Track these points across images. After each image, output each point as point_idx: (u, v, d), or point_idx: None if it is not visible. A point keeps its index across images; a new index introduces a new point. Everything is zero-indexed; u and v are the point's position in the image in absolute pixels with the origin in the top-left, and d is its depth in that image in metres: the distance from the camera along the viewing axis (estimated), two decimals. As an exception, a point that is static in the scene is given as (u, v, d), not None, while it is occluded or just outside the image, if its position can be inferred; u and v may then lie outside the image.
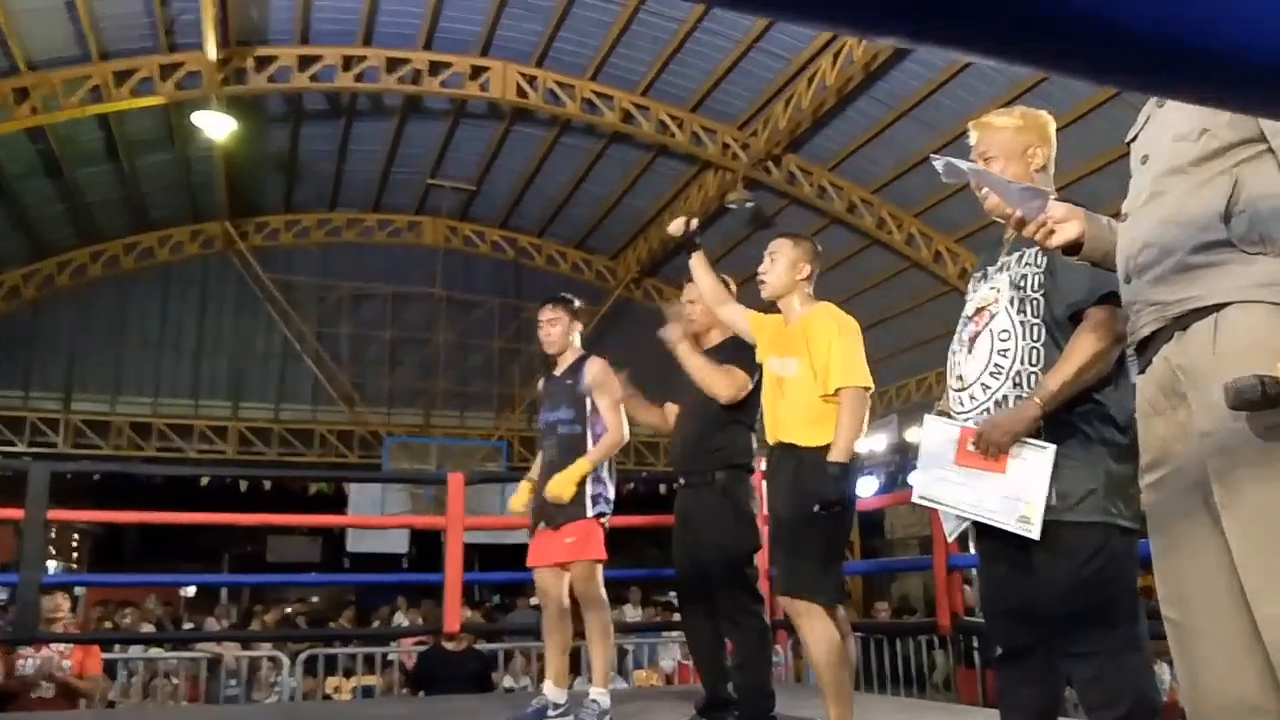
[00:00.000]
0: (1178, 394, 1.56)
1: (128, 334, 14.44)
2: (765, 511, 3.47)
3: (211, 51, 9.51)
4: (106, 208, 13.24)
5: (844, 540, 3.14)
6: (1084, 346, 2.15)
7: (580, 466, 3.74)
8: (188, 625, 11.07)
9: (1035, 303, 2.25)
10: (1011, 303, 2.27)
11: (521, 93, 11.16)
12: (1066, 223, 1.77)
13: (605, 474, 3.85)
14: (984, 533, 2.35)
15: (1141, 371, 1.67)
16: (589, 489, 3.77)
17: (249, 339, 14.91)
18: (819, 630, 2.96)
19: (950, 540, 2.70)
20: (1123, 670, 2.10)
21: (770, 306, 3.42)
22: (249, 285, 14.56)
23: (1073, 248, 1.79)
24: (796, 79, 10.29)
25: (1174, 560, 1.59)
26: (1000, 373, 2.27)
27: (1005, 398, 2.25)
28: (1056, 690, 2.28)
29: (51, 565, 15.02)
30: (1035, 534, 2.16)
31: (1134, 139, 1.77)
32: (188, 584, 15.88)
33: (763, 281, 3.31)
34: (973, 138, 2.40)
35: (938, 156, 2.02)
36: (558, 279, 15.42)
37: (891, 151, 11.01)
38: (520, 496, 4.07)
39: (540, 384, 4.16)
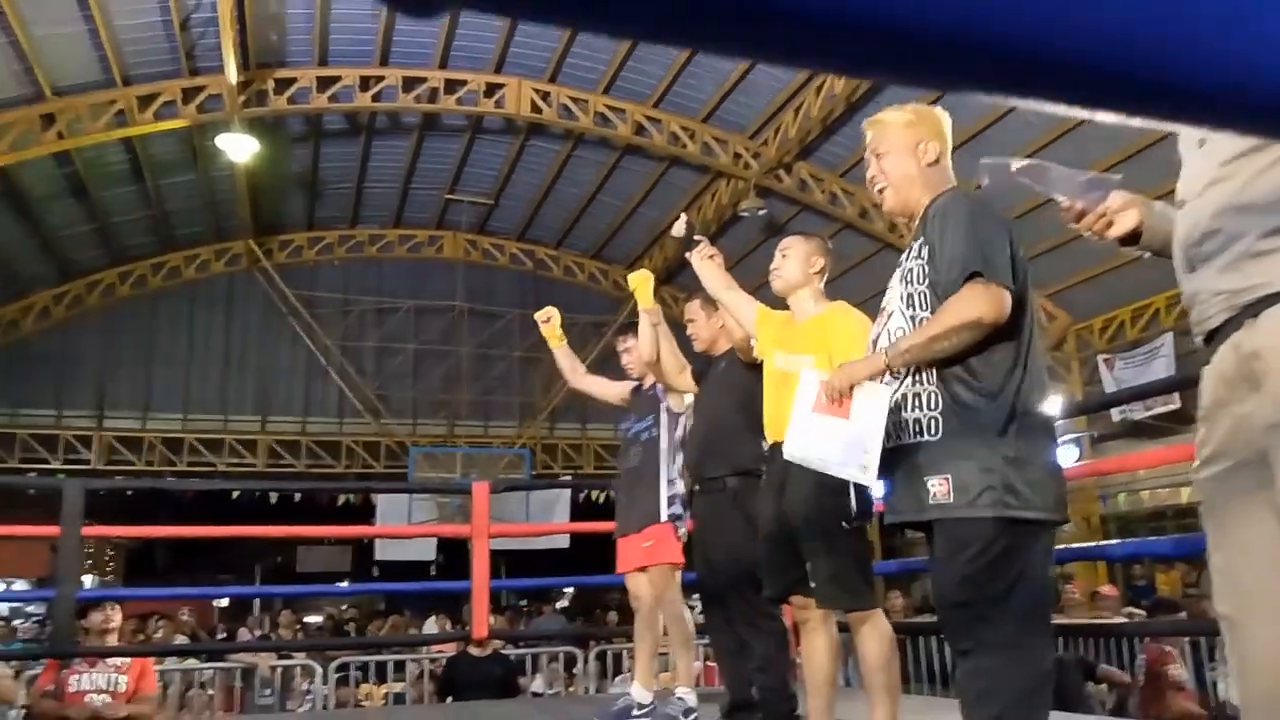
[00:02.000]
0: (1247, 384, 1.50)
1: (157, 351, 14.71)
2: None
3: (232, 74, 9.72)
4: (133, 228, 13.51)
5: (866, 537, 3.07)
6: (942, 318, 2.11)
7: (649, 322, 3.87)
8: (221, 636, 11.27)
9: (923, 296, 2.21)
10: (902, 299, 2.26)
11: (536, 108, 11.33)
12: (1125, 212, 1.71)
13: (676, 474, 3.94)
14: (927, 533, 2.31)
15: (1207, 362, 1.61)
16: (664, 491, 3.89)
17: (275, 354, 15.15)
18: (881, 632, 2.94)
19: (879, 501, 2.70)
20: (1001, 668, 2.02)
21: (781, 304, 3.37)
22: (274, 301, 14.81)
23: (1130, 238, 1.74)
24: (805, 88, 10.40)
25: (1230, 555, 1.54)
26: (899, 370, 2.24)
27: (905, 396, 2.21)
28: None
29: (87, 579, 15.30)
30: (870, 480, 2.16)
31: None
32: (220, 596, 16.11)
33: (776, 276, 3.20)
34: (868, 136, 2.41)
35: (988, 158, 1.88)
36: (575, 289, 15.60)
37: (901, 156, 11.08)
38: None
39: (628, 396, 4.31)
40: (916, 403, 2.19)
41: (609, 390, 4.52)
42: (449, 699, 6.68)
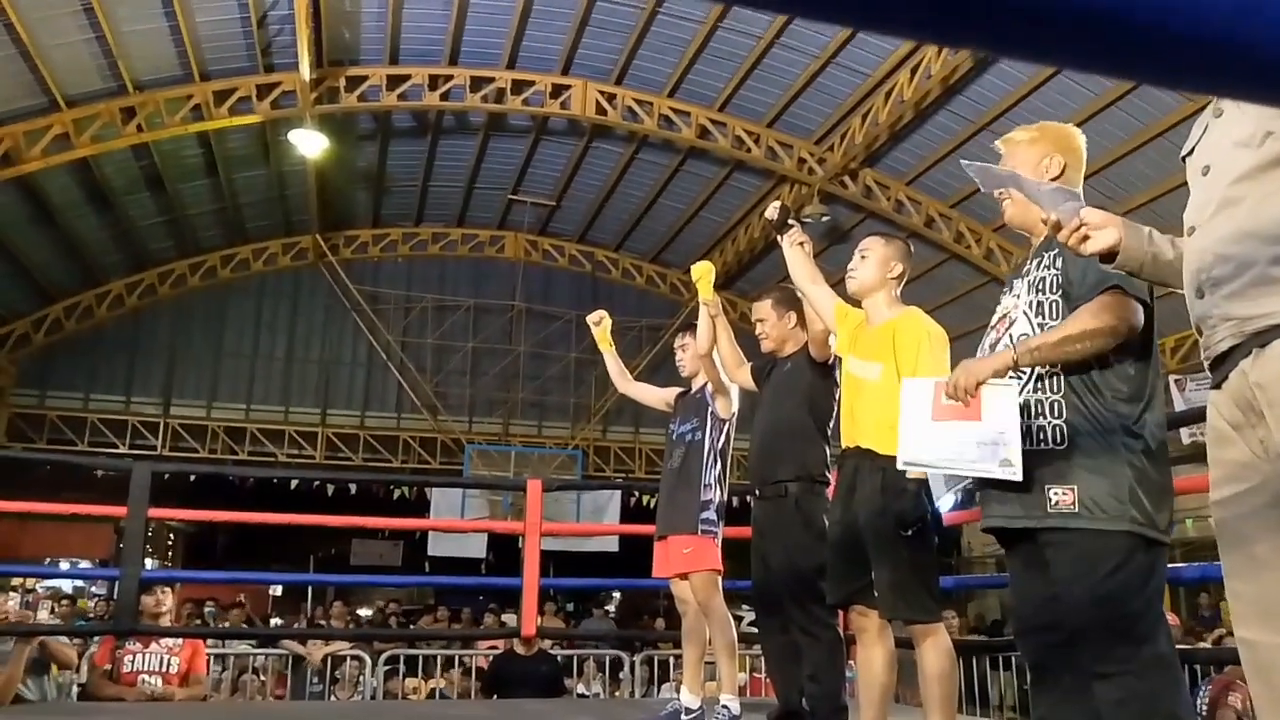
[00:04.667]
0: (1255, 411, 1.50)
1: (224, 342, 15.07)
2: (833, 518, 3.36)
3: (306, 72, 9.90)
4: (205, 221, 13.84)
5: (934, 549, 3.01)
6: (1076, 321, 2.09)
7: (708, 314, 3.86)
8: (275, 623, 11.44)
9: (1054, 305, 2.19)
10: (1030, 307, 2.22)
11: (600, 110, 11.35)
12: (1102, 229, 1.74)
13: (714, 480, 3.92)
14: (1011, 544, 2.28)
15: (1216, 386, 1.61)
16: (700, 497, 3.88)
17: (337, 348, 15.42)
18: (941, 646, 2.91)
19: (945, 512, 2.61)
20: (1152, 690, 1.98)
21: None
22: (338, 297, 15.07)
23: (1108, 256, 1.77)
24: (873, 94, 10.27)
25: (1253, 579, 1.52)
26: (1020, 377, 2.20)
27: (1027, 403, 2.18)
28: (1094, 713, 2.09)
29: (148, 563, 15.66)
30: (1018, 475, 2.09)
31: (1190, 152, 1.72)
32: (276, 581, 16.39)
33: (851, 277, 3.18)
34: (1001, 154, 2.41)
35: (970, 162, 2.00)
36: (633, 292, 15.62)
37: (971, 165, 10.89)
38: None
39: (674, 399, 4.31)
40: (1040, 410, 2.16)
41: (654, 396, 4.53)
42: (494, 696, 6.68)
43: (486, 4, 10.14)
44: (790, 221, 3.50)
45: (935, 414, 2.27)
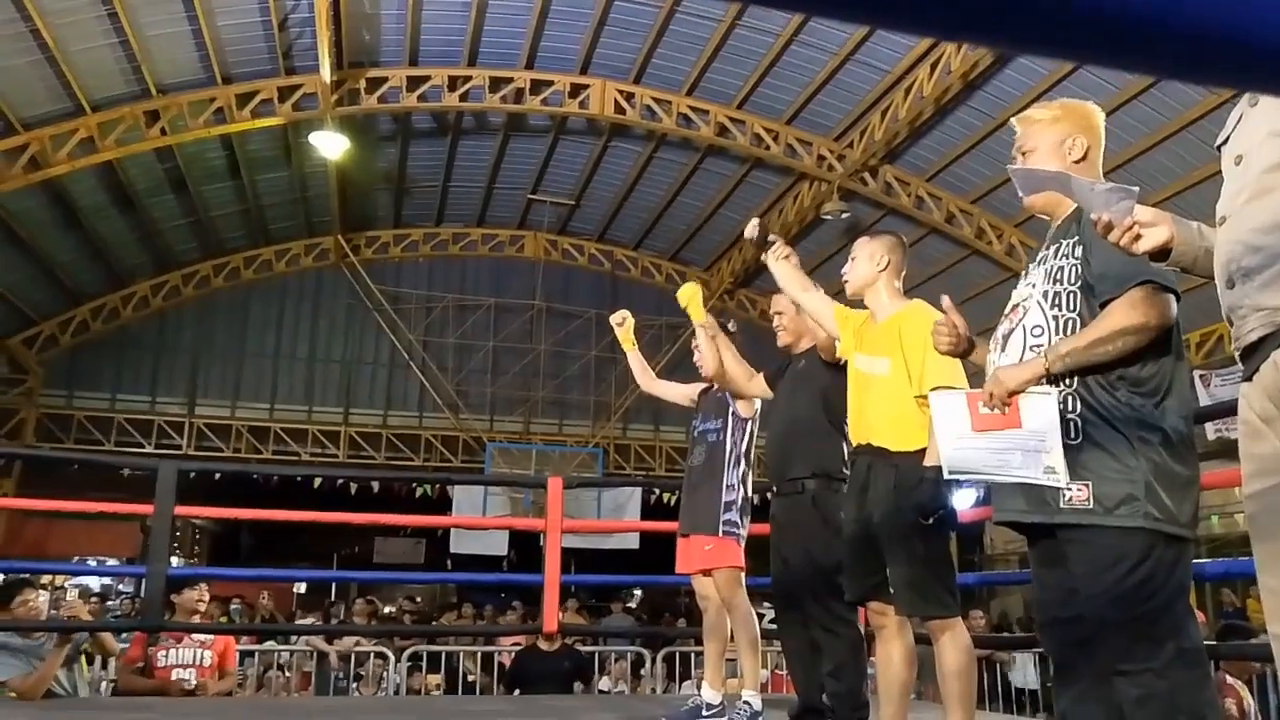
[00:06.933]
0: None
1: (247, 342, 15.22)
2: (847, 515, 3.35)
3: (326, 74, 9.97)
4: (228, 222, 13.96)
5: (949, 544, 2.99)
6: (1107, 321, 2.01)
7: (706, 335, 3.88)
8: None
9: (1071, 296, 2.11)
10: (1045, 297, 2.15)
11: (619, 109, 11.37)
12: (1154, 226, 1.68)
13: (737, 480, 3.91)
14: (1031, 537, 2.24)
15: (1247, 378, 1.58)
16: (722, 497, 3.87)
17: (359, 348, 15.55)
18: (960, 642, 2.89)
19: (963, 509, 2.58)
20: (1174, 688, 1.93)
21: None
22: (360, 297, 15.18)
23: (1160, 253, 1.72)
24: (893, 90, 10.24)
25: None
26: (1058, 376, 2.11)
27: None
28: (1115, 709, 2.04)
29: (175, 560, 15.83)
30: (1063, 481, 2.03)
31: (1225, 142, 1.69)
32: (299, 579, 16.53)
33: (846, 281, 3.20)
34: (1016, 133, 2.35)
35: (1015, 166, 1.98)
36: (653, 290, 15.63)
37: (991, 161, 10.85)
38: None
39: (696, 398, 4.31)
40: None
41: (679, 393, 4.52)
42: (516, 691, 6.71)
43: (505, 5, 10.18)
44: (770, 238, 3.48)
45: (976, 424, 2.22)
